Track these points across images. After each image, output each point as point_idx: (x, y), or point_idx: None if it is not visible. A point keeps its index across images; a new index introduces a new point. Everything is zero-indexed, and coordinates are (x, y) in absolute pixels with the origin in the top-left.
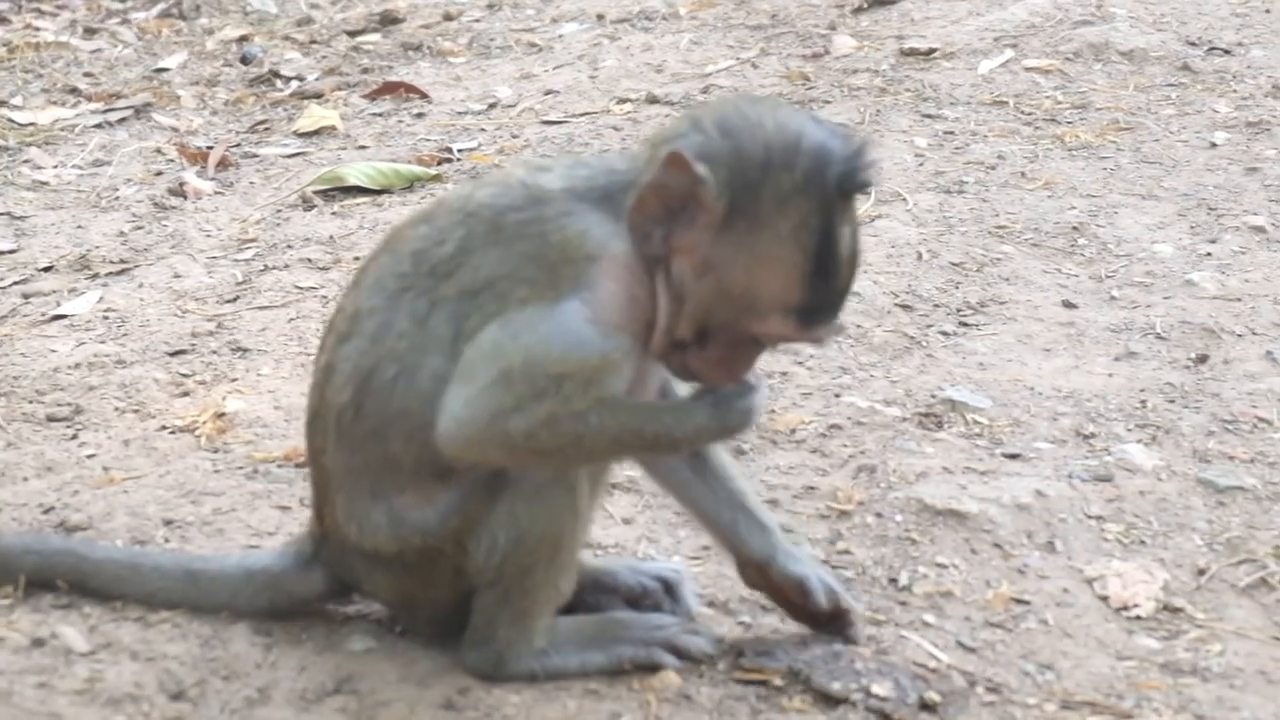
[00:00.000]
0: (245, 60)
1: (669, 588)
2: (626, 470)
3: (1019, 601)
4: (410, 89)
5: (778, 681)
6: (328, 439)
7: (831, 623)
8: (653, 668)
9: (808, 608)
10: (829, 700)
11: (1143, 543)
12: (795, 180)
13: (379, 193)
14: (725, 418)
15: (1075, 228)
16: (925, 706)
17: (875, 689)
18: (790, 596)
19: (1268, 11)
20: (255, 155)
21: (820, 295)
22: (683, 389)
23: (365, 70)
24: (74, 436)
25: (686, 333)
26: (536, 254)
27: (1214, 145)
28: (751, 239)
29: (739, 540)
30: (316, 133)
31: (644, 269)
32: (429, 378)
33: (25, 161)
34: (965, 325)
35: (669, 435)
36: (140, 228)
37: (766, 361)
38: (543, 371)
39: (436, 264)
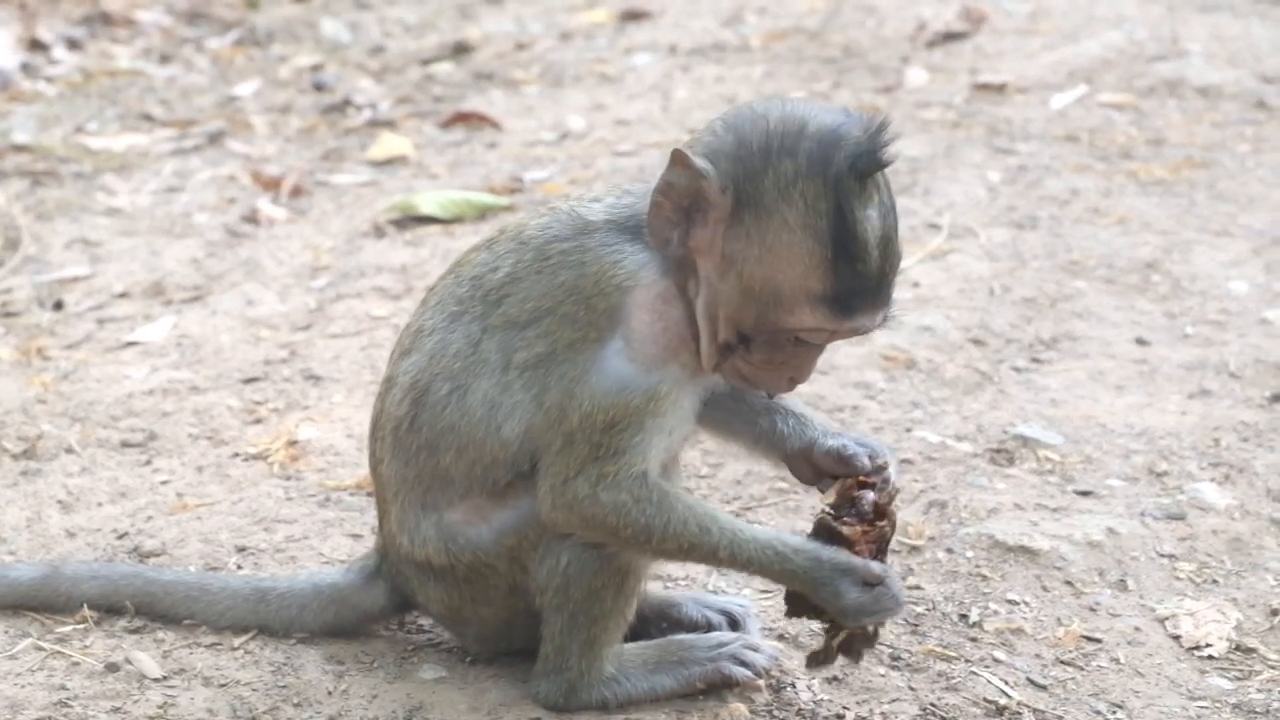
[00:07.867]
0: (318, 88)
1: (734, 623)
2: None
3: (1090, 639)
4: (482, 118)
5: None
6: (384, 449)
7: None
8: (722, 695)
9: (854, 475)
10: None
11: (1215, 582)
12: (797, 165)
13: (451, 222)
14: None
15: (1149, 264)
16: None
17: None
18: (835, 472)
19: None
20: (328, 183)
21: (848, 281)
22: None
23: (437, 99)
24: (148, 462)
25: (728, 335)
26: (574, 286)
27: None
28: (760, 229)
29: (779, 439)
30: (389, 161)
31: (679, 288)
32: (479, 400)
33: (100, 188)
34: (1037, 361)
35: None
36: (214, 254)
37: (837, 397)
38: (594, 425)
39: (490, 289)
